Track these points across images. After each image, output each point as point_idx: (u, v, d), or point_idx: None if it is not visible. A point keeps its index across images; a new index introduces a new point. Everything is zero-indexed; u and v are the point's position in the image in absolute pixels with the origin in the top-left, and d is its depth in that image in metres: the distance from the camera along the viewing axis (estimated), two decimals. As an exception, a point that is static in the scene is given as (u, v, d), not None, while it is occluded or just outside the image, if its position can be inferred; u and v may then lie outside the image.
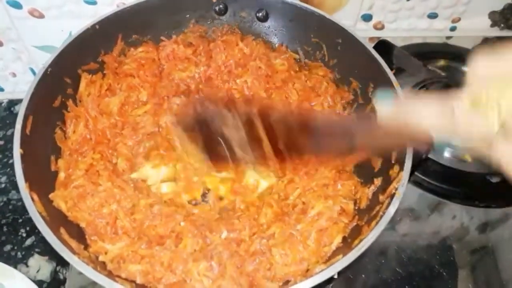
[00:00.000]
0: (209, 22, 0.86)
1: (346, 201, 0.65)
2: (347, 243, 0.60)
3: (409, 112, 0.36)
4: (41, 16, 0.85)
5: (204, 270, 0.58)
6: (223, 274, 0.58)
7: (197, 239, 0.61)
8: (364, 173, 0.69)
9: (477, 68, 0.32)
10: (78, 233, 0.61)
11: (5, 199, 0.83)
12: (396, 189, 0.57)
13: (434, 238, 0.78)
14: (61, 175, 0.65)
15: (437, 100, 0.34)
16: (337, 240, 0.61)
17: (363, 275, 0.73)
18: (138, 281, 0.57)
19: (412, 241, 0.77)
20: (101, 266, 0.57)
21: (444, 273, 0.74)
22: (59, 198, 0.62)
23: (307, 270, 0.58)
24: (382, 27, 1.07)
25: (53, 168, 0.66)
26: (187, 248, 0.60)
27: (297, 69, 0.84)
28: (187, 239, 0.60)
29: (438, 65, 1.03)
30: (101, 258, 0.59)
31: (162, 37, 0.83)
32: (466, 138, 0.34)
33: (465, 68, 1.04)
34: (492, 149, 0.32)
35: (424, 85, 0.96)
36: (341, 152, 0.57)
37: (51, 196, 0.61)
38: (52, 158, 0.66)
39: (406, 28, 1.08)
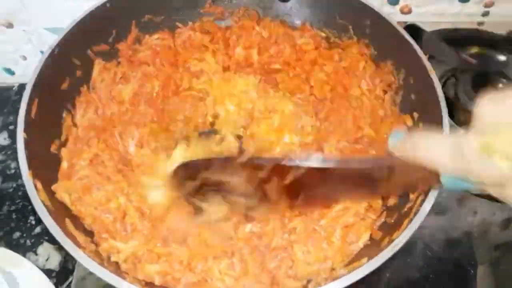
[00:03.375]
0: (226, 3, 0.82)
1: (374, 196, 0.61)
2: (375, 242, 0.57)
3: (419, 149, 0.36)
4: None
5: (226, 268, 0.55)
6: (245, 272, 0.55)
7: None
8: None
9: (483, 113, 0.32)
10: (88, 228, 0.59)
11: (14, 185, 0.82)
12: (431, 183, 0.53)
13: (454, 232, 0.74)
14: (64, 165, 0.62)
15: (447, 139, 0.35)
16: (365, 238, 0.58)
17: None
18: (157, 282, 0.54)
19: (431, 235, 0.73)
20: (114, 267, 0.54)
21: (464, 269, 0.71)
22: (62, 190, 0.58)
23: (332, 270, 0.55)
24: (409, 11, 1.01)
25: (52, 149, 0.63)
26: (208, 242, 0.57)
27: (328, 48, 0.79)
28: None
29: (469, 53, 0.97)
30: (113, 258, 0.56)
31: (178, 23, 0.80)
32: (477, 181, 0.34)
33: (499, 57, 0.98)
34: (505, 192, 0.33)
35: (453, 74, 0.91)
36: (360, 198, 0.57)
37: (53, 187, 0.58)
38: (57, 142, 0.64)
39: (435, 12, 1.02)
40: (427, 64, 0.63)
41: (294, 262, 0.56)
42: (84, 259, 0.47)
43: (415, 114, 0.66)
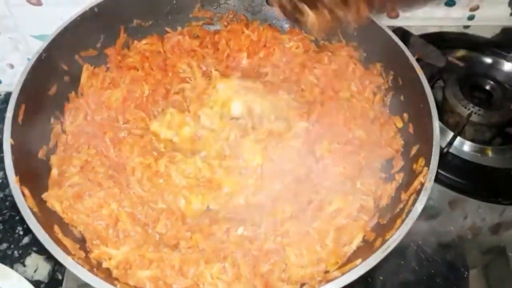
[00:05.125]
0: (215, 7, 0.82)
1: (366, 197, 0.61)
2: (368, 243, 0.57)
3: None
4: (38, 3, 0.82)
5: (218, 272, 0.54)
6: (238, 277, 0.54)
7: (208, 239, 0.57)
8: (385, 168, 0.66)
9: None
10: (78, 235, 0.58)
11: (1, 195, 0.80)
12: (423, 184, 0.53)
13: (446, 236, 0.74)
14: (54, 172, 0.61)
15: None
16: (358, 239, 0.57)
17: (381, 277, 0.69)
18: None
19: (424, 239, 0.73)
20: (105, 274, 0.53)
21: (456, 272, 0.70)
22: (53, 198, 0.57)
23: (326, 272, 0.55)
24: (397, 16, 1.02)
25: (40, 155, 0.62)
26: (199, 247, 0.56)
27: (317, 51, 0.79)
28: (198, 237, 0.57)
29: (456, 55, 0.98)
30: (105, 265, 0.55)
31: (166, 28, 0.80)
32: None
33: (485, 59, 0.99)
34: None
35: (440, 77, 0.91)
36: None
37: (44, 196, 0.57)
38: (45, 148, 0.63)
39: (422, 16, 1.03)
40: (415, 65, 0.63)
41: (287, 266, 0.56)
42: (73, 266, 0.46)
43: (405, 115, 0.66)
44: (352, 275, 0.46)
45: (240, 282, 0.53)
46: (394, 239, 0.48)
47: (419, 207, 0.51)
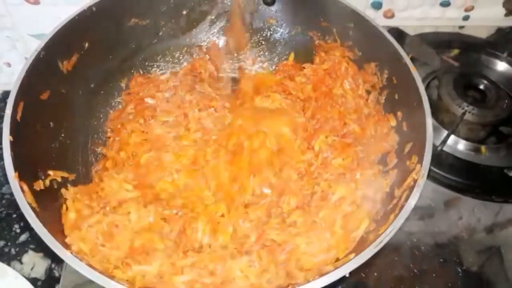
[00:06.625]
0: (212, 5, 0.82)
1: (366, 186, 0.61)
2: (362, 238, 0.57)
3: None
4: (36, 2, 0.82)
5: (246, 266, 0.54)
6: (266, 268, 0.54)
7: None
8: (380, 164, 0.66)
9: None
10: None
11: (-2, 193, 0.80)
12: (416, 180, 0.53)
13: (441, 236, 0.75)
14: (71, 216, 0.56)
15: None
16: (364, 224, 0.57)
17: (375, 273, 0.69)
18: None
19: (418, 239, 0.74)
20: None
21: (450, 270, 0.71)
22: (79, 240, 0.53)
23: (336, 260, 0.55)
24: (392, 16, 1.03)
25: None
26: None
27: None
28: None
29: (451, 55, 0.99)
30: (139, 284, 0.51)
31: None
32: None
33: (479, 59, 1.00)
34: None
35: (435, 76, 0.92)
36: None
37: (67, 241, 0.53)
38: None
39: (418, 17, 1.05)
40: (410, 64, 0.64)
41: (300, 255, 0.56)
42: (72, 260, 0.46)
43: (399, 114, 0.67)
44: (345, 270, 0.46)
45: (268, 272, 0.53)
46: (387, 233, 0.49)
47: (412, 202, 0.51)
